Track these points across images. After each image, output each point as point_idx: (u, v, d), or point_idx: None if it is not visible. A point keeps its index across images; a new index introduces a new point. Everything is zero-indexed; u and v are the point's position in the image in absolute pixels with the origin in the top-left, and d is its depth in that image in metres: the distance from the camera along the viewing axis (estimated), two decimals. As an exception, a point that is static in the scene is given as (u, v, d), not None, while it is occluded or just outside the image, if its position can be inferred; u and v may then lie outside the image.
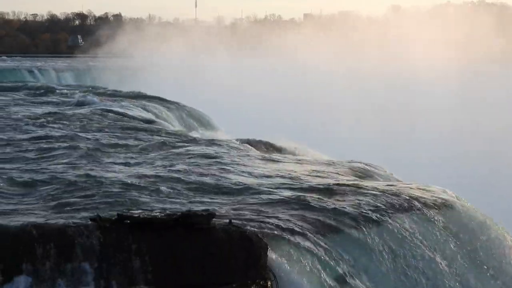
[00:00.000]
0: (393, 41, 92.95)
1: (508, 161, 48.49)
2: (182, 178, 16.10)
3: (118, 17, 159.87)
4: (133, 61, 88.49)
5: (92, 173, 16.17)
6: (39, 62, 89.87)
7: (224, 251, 11.28)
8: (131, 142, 21.62)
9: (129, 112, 30.73)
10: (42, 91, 41.14)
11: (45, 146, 20.28)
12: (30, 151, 19.56)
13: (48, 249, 10.73)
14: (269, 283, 11.40)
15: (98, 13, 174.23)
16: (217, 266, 11.17)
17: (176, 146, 20.94)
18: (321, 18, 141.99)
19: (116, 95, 39.90)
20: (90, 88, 44.66)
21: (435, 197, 15.56)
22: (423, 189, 16.08)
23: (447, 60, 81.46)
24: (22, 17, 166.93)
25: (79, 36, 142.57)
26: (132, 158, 18.91)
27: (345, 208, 14.03)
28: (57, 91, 41.20)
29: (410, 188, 16.16)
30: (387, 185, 16.65)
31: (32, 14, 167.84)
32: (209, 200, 14.32)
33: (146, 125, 26.66)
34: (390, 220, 13.89)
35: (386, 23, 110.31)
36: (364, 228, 13.38)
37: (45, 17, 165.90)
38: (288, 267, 11.68)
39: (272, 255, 11.63)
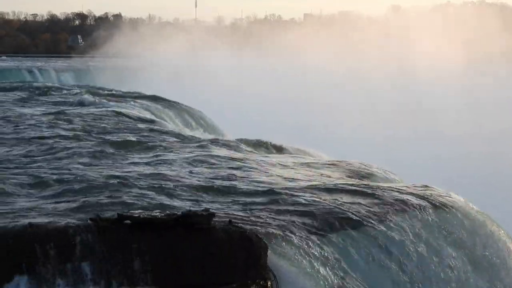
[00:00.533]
0: (394, 41, 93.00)
1: (511, 162, 48.40)
2: (192, 179, 16.09)
3: (118, 17, 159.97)
4: (133, 61, 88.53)
5: (94, 173, 16.17)
6: (39, 62, 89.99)
7: (224, 251, 11.28)
8: (134, 142, 21.59)
9: (131, 112, 30.69)
10: (42, 91, 41.10)
11: (46, 146, 20.27)
12: (31, 151, 19.56)
13: (48, 249, 10.73)
14: (269, 283, 11.41)
15: (98, 13, 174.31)
16: (217, 266, 11.17)
17: (182, 147, 20.90)
18: (321, 18, 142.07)
19: (116, 95, 39.83)
20: (91, 88, 44.61)
21: (443, 199, 15.48)
22: (430, 192, 15.96)
23: (448, 60, 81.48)
24: (22, 17, 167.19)
25: (79, 36, 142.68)
26: (136, 158, 18.91)
27: (347, 209, 14.02)
28: (58, 91, 41.17)
29: (417, 189, 16.06)
30: (392, 186, 16.61)
31: (32, 14, 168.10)
32: (211, 200, 14.33)
33: (149, 126, 26.63)
34: (393, 223, 13.87)
35: (386, 23, 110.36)
36: (366, 230, 13.38)
37: (45, 17, 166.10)
38: (288, 267, 11.68)
39: (272, 255, 11.63)
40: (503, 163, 48.57)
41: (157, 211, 12.14)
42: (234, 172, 17.20)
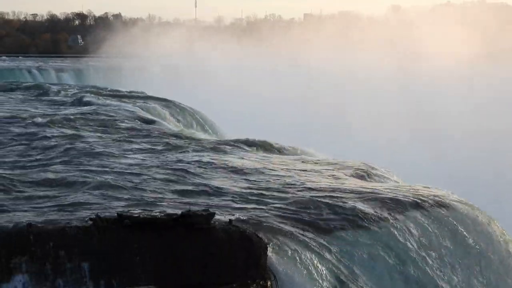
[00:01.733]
0: (394, 41, 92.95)
1: None
2: (182, 175, 16.07)
3: (118, 17, 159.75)
4: (133, 61, 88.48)
5: (95, 173, 16.15)
6: (39, 62, 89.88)
7: (224, 251, 11.26)
8: (133, 142, 21.56)
9: (132, 112, 30.62)
10: (41, 91, 41.08)
11: (45, 146, 20.25)
12: (30, 150, 19.54)
13: (47, 249, 10.71)
14: (269, 283, 11.39)
15: (98, 13, 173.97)
16: (217, 266, 11.16)
17: (181, 147, 20.84)
18: (321, 18, 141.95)
19: (116, 95, 39.80)
20: (90, 88, 44.56)
21: (444, 200, 15.44)
22: (429, 191, 15.93)
23: (448, 60, 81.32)
24: (22, 17, 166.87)
25: (79, 36, 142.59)
26: (135, 158, 18.89)
27: (349, 209, 14.01)
28: (57, 91, 41.12)
29: (417, 190, 16.04)
30: (391, 187, 16.59)
31: (32, 14, 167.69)
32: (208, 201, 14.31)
33: (149, 126, 26.58)
34: (392, 223, 13.84)
35: (386, 23, 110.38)
36: (367, 230, 13.35)
37: (45, 17, 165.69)
38: (288, 267, 11.65)
39: (272, 255, 11.61)
40: (505, 164, 48.49)
41: (157, 211, 12.12)
42: (232, 172, 17.20)
